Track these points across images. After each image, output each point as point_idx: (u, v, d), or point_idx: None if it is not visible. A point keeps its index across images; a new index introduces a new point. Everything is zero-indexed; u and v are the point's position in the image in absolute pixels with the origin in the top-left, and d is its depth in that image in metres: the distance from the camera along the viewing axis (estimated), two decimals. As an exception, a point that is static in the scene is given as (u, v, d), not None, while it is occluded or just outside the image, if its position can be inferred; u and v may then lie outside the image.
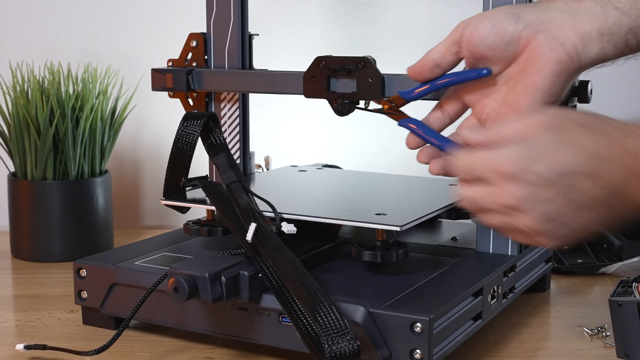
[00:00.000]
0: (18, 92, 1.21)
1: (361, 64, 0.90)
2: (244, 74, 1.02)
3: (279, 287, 0.78)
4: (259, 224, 0.83)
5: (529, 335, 0.92)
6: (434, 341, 0.75)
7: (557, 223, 0.67)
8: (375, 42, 1.42)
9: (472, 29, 0.78)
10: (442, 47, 0.80)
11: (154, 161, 1.47)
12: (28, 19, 1.43)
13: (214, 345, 0.88)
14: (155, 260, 0.92)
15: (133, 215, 1.48)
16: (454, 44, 0.80)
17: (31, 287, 1.10)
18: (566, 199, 0.65)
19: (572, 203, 0.66)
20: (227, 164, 0.95)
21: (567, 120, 0.67)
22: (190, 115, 0.97)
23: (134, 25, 1.44)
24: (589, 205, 0.66)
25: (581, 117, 0.68)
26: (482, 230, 0.95)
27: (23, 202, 1.21)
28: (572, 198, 0.65)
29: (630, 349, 0.76)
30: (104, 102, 1.23)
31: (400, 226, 0.83)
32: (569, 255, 1.17)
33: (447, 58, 0.80)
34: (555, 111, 0.69)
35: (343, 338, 0.71)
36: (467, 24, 0.79)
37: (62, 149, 1.20)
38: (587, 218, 0.67)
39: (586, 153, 0.65)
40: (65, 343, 0.86)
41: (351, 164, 1.35)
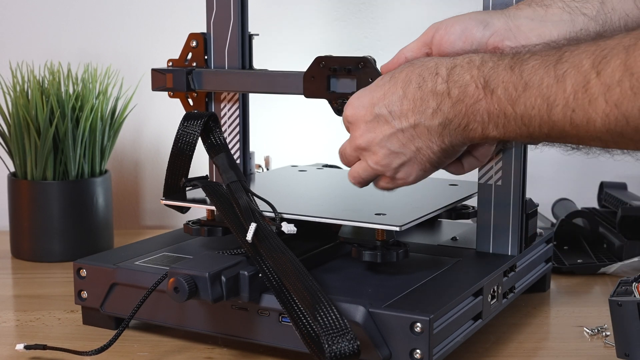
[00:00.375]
0: (18, 92, 1.21)
1: (361, 64, 0.90)
2: (244, 74, 1.02)
3: (279, 287, 0.78)
4: (259, 224, 0.83)
5: (529, 335, 0.92)
6: (434, 341, 0.75)
7: (394, 153, 0.75)
8: (375, 42, 1.42)
9: (442, 33, 0.79)
10: (414, 46, 0.82)
11: (154, 161, 1.47)
12: (28, 19, 1.43)
13: (214, 345, 0.88)
14: (155, 260, 0.92)
15: (133, 215, 1.48)
16: (425, 45, 0.81)
17: (31, 287, 1.10)
18: (392, 128, 0.74)
19: (397, 131, 0.74)
20: (227, 164, 0.95)
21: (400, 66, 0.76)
22: (190, 115, 0.97)
23: (134, 25, 1.44)
24: (411, 130, 0.74)
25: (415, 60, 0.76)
26: (482, 230, 0.95)
27: (23, 202, 1.21)
28: (395, 126, 0.74)
29: (630, 349, 0.76)
30: (104, 102, 1.23)
31: (399, 226, 0.83)
32: (569, 255, 1.17)
33: (418, 57, 0.81)
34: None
35: (343, 338, 0.71)
36: (438, 27, 0.80)
37: (62, 149, 1.20)
38: (416, 144, 0.74)
39: (400, 83, 0.74)
40: (65, 343, 0.86)
41: (351, 164, 1.34)
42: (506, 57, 0.68)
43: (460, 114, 0.70)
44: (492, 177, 0.93)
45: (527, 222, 0.95)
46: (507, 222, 0.93)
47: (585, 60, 0.60)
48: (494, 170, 0.93)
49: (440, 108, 0.71)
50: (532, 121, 0.65)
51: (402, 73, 0.75)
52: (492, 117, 0.68)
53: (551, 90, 0.63)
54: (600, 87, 0.59)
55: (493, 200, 0.93)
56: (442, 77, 0.71)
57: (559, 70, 0.62)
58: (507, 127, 0.68)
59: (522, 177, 0.93)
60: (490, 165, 0.93)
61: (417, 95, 0.73)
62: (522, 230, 0.94)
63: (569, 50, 0.63)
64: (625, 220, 1.18)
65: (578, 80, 0.61)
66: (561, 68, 0.62)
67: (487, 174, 0.93)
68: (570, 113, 0.62)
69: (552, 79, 0.63)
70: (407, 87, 0.73)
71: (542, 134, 0.66)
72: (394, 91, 0.74)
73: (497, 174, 0.93)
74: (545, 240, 1.04)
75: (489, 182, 0.94)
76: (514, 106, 0.66)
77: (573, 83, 0.61)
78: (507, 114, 0.67)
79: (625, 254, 1.15)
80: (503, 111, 0.67)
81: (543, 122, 0.64)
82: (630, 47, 0.57)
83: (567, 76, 0.61)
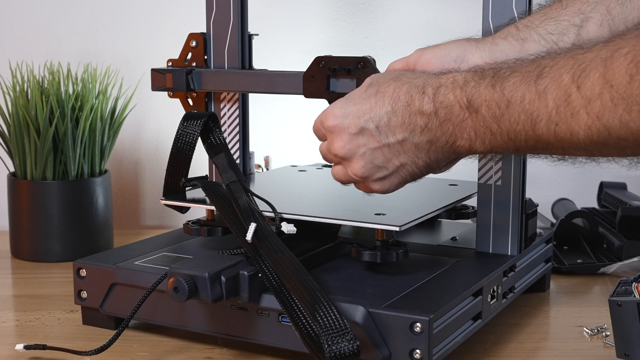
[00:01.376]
0: (18, 92, 1.21)
1: (361, 64, 0.90)
2: (244, 74, 1.02)
3: (279, 287, 0.78)
4: (259, 224, 0.83)
5: (529, 335, 0.92)
6: (433, 341, 0.75)
7: (376, 166, 0.76)
8: (375, 42, 1.42)
9: (425, 60, 0.81)
10: (399, 64, 0.83)
11: (153, 161, 1.47)
12: (28, 19, 1.43)
13: (214, 345, 0.88)
14: (155, 260, 0.92)
15: (133, 215, 1.48)
16: (409, 65, 0.82)
17: (31, 287, 1.10)
18: (377, 143, 0.75)
19: (383, 146, 0.75)
20: (227, 164, 0.95)
21: (382, 76, 0.77)
22: (190, 115, 0.97)
23: (134, 25, 1.44)
24: (398, 146, 0.74)
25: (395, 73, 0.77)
26: (482, 230, 0.95)
27: (23, 202, 1.21)
28: (381, 141, 0.75)
29: (629, 349, 0.76)
30: (104, 102, 1.23)
31: (399, 226, 0.83)
32: (569, 255, 1.17)
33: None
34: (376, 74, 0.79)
35: (343, 338, 0.71)
36: (422, 53, 0.82)
37: (62, 149, 1.20)
38: (400, 159, 0.75)
39: (388, 99, 0.74)
40: (65, 343, 0.86)
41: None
42: (487, 75, 0.69)
43: (447, 132, 0.72)
44: (492, 177, 0.93)
45: (527, 222, 0.95)
46: (507, 222, 0.93)
47: (565, 75, 0.62)
48: (493, 170, 0.93)
49: (428, 126, 0.72)
50: (517, 136, 0.67)
51: (390, 88, 0.75)
52: (479, 134, 0.70)
53: (534, 106, 0.64)
54: (581, 101, 0.60)
55: (493, 200, 0.93)
56: (428, 97, 0.72)
57: (540, 86, 0.64)
58: (493, 142, 0.69)
59: (521, 177, 0.93)
60: (490, 165, 0.93)
61: (405, 113, 0.73)
62: (522, 230, 0.94)
63: (548, 66, 0.64)
64: (625, 220, 1.18)
65: (559, 95, 0.62)
66: (542, 83, 0.63)
67: (487, 174, 0.93)
68: (554, 127, 0.63)
69: (533, 94, 0.64)
70: (395, 103, 0.74)
71: (529, 147, 0.67)
72: (382, 106, 0.75)
73: (496, 174, 0.93)
74: (545, 240, 1.04)
75: (489, 182, 0.94)
76: (499, 123, 0.67)
77: (554, 98, 0.62)
78: (493, 130, 0.68)
79: (625, 254, 1.15)
80: (489, 128, 0.69)
81: (528, 136, 0.66)
82: (608, 59, 0.58)
83: (548, 91, 0.63)
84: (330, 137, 0.78)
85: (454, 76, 0.72)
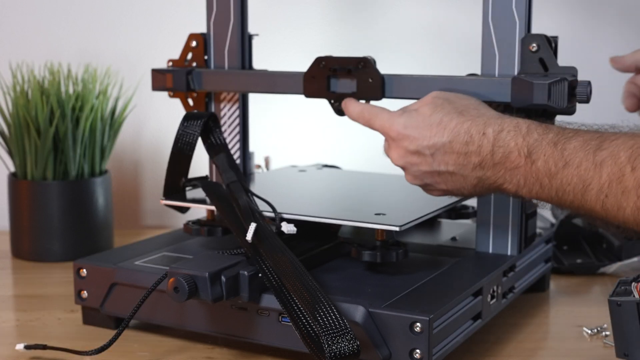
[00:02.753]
0: (18, 92, 1.21)
1: (361, 64, 0.90)
2: (244, 74, 1.02)
3: (279, 287, 0.78)
4: (259, 224, 0.83)
5: (528, 335, 0.92)
6: (433, 341, 0.75)
7: (424, 183, 0.81)
8: (375, 42, 1.42)
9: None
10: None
11: (154, 161, 1.47)
12: (28, 19, 1.43)
13: (214, 345, 0.88)
14: (155, 260, 0.92)
15: (133, 215, 1.48)
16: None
17: (31, 287, 1.10)
18: (429, 167, 0.79)
19: (434, 172, 0.79)
20: (227, 164, 0.95)
21: (447, 101, 0.80)
22: (190, 115, 0.97)
23: (134, 25, 1.44)
24: (447, 175, 0.78)
25: (461, 104, 0.80)
26: (482, 230, 0.95)
27: (23, 202, 1.21)
28: (433, 167, 0.79)
29: (629, 349, 0.76)
30: (104, 102, 1.23)
31: (399, 226, 0.83)
32: (569, 255, 1.17)
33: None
34: (443, 92, 0.83)
35: (343, 338, 0.71)
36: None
37: (62, 149, 1.20)
38: (448, 186, 0.80)
39: (448, 132, 0.77)
40: (65, 343, 0.86)
41: (351, 164, 1.35)
42: (551, 132, 0.73)
43: (498, 174, 0.76)
44: (492, 177, 0.93)
45: (527, 222, 0.95)
46: (507, 222, 0.93)
47: (623, 153, 0.67)
48: (493, 171, 0.93)
49: (481, 165, 0.76)
50: (565, 195, 0.71)
51: (452, 122, 0.77)
52: (528, 183, 0.74)
53: (588, 174, 0.69)
54: (633, 182, 0.65)
55: (493, 200, 0.93)
56: (488, 139, 0.75)
57: (598, 157, 0.68)
58: (540, 194, 0.73)
59: (521, 177, 0.93)
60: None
61: (462, 150, 0.77)
62: (521, 231, 0.94)
63: (609, 139, 0.69)
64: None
65: (614, 171, 0.67)
66: (600, 155, 0.68)
67: (487, 174, 0.93)
68: (603, 197, 0.68)
69: (590, 163, 0.68)
70: (454, 137, 0.77)
71: (572, 208, 0.72)
72: (441, 136, 0.77)
73: (496, 174, 0.93)
74: (544, 240, 1.05)
75: (489, 182, 0.93)
76: (551, 179, 0.71)
77: (609, 172, 0.67)
78: (543, 184, 0.72)
79: (625, 254, 1.15)
80: (540, 181, 0.72)
81: (576, 199, 0.70)
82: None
83: (605, 164, 0.67)
84: (389, 143, 0.82)
85: (517, 122, 0.75)
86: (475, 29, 0.94)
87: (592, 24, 1.40)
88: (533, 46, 0.85)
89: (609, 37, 1.40)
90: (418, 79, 0.89)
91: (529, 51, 0.85)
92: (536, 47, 0.85)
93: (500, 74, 0.88)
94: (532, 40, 0.85)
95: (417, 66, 1.37)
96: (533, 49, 0.85)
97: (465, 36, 1.30)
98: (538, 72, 0.85)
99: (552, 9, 1.36)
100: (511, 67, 0.88)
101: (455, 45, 1.37)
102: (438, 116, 0.78)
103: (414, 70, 0.95)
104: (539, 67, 0.85)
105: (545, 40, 0.85)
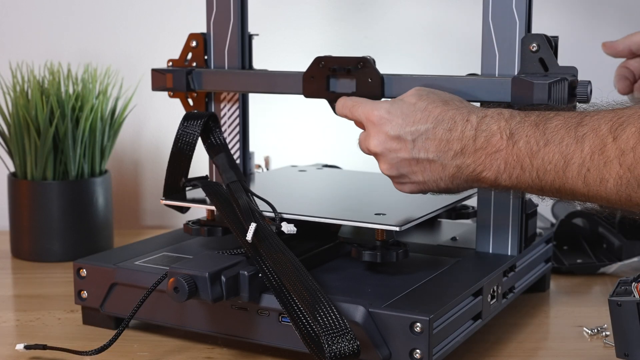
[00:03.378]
0: (18, 92, 1.21)
1: (361, 64, 0.90)
2: (244, 74, 1.02)
3: (279, 287, 0.78)
4: (259, 224, 0.83)
5: (529, 335, 0.92)
6: (433, 341, 0.75)
7: (400, 173, 0.80)
8: (375, 42, 1.42)
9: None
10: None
11: (154, 161, 1.47)
12: (28, 19, 1.43)
13: (214, 345, 0.88)
14: (155, 260, 0.92)
15: (133, 215, 1.48)
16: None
17: (31, 287, 1.10)
18: (408, 154, 0.78)
19: (412, 159, 0.78)
20: (227, 164, 0.95)
21: (431, 92, 0.81)
22: (190, 115, 0.97)
23: (134, 25, 1.44)
24: (426, 163, 0.78)
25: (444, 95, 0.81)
26: (482, 230, 0.95)
27: (23, 202, 1.21)
28: (412, 154, 0.78)
29: (629, 349, 0.76)
30: (104, 102, 1.23)
31: (399, 226, 0.83)
32: (569, 255, 1.17)
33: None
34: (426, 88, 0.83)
35: (343, 338, 0.71)
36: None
37: (62, 149, 1.20)
38: (424, 176, 0.79)
39: (432, 118, 0.77)
40: (65, 343, 0.86)
41: (351, 164, 1.35)
42: (532, 114, 0.73)
43: (478, 161, 0.75)
44: (492, 177, 0.93)
45: (527, 222, 0.95)
46: (507, 222, 0.93)
47: (604, 125, 0.66)
48: (493, 171, 0.93)
49: (462, 151, 0.76)
50: (546, 175, 0.71)
51: (437, 110, 0.78)
52: (508, 167, 0.73)
53: (569, 149, 0.68)
54: (615, 151, 0.65)
55: (493, 200, 0.93)
56: (471, 124, 0.76)
57: (579, 132, 0.68)
58: (520, 178, 0.73)
59: (521, 177, 0.93)
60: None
61: (444, 136, 0.76)
62: (521, 231, 0.94)
63: (589, 115, 0.69)
64: (625, 220, 1.18)
65: (595, 143, 0.66)
66: (581, 130, 0.68)
67: (487, 174, 0.93)
68: (585, 172, 0.67)
69: (572, 139, 0.69)
70: (437, 124, 0.77)
71: (553, 189, 0.71)
72: (424, 122, 0.77)
73: (496, 174, 0.93)
74: (545, 240, 1.05)
75: (489, 182, 0.93)
76: (532, 159, 0.71)
77: (591, 145, 0.67)
78: (524, 165, 0.72)
79: (625, 254, 1.15)
80: (520, 162, 0.72)
81: (557, 177, 0.70)
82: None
83: (586, 138, 0.67)
84: (369, 129, 0.81)
85: (500, 110, 0.76)
86: (475, 29, 0.94)
87: (592, 24, 1.40)
88: (533, 46, 0.85)
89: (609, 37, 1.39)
90: (418, 79, 0.89)
91: (529, 51, 0.85)
92: (536, 47, 0.85)
93: (500, 74, 0.88)
94: (532, 40, 0.85)
95: (417, 66, 1.37)
96: (533, 48, 0.85)
97: (465, 36, 1.30)
98: (538, 72, 0.85)
99: (552, 9, 1.36)
100: (511, 67, 0.88)
101: (455, 45, 1.37)
102: (423, 104, 0.79)
103: (414, 70, 0.95)
104: (539, 67, 0.85)
105: (545, 40, 0.85)
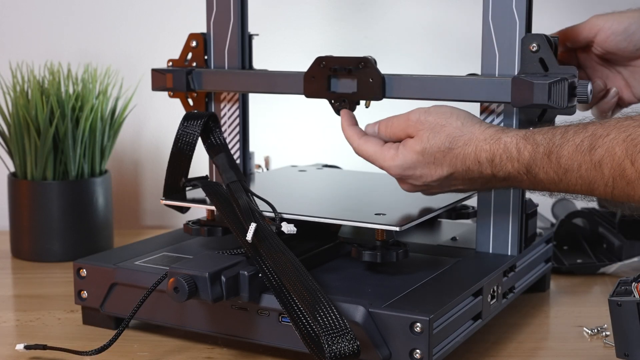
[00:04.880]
0: (18, 92, 1.21)
1: (362, 64, 0.90)
2: (244, 74, 1.02)
3: (279, 287, 0.78)
4: (259, 224, 0.83)
5: (529, 335, 0.92)
6: (433, 341, 0.75)
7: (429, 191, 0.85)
8: (375, 42, 1.42)
9: (605, 35, 0.91)
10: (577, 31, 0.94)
11: (154, 161, 1.47)
12: (28, 19, 1.43)
13: (214, 345, 0.88)
14: (155, 260, 0.92)
15: (133, 215, 1.48)
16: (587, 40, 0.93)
17: (31, 287, 1.10)
18: (439, 189, 0.83)
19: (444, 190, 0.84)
20: (227, 164, 0.95)
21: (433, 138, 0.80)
22: (190, 115, 0.97)
23: (134, 25, 1.44)
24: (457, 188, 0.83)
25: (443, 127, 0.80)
26: (482, 230, 0.95)
27: (23, 202, 1.21)
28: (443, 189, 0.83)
29: (629, 349, 0.76)
30: (104, 102, 1.23)
31: (399, 226, 0.83)
32: (569, 255, 1.17)
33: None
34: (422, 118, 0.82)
35: (343, 338, 0.71)
36: (601, 28, 0.91)
37: (62, 149, 1.20)
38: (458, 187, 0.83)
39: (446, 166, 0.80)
40: (65, 343, 0.86)
41: (351, 164, 1.35)
42: (540, 145, 0.75)
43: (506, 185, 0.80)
44: (492, 177, 0.93)
45: (527, 222, 0.95)
46: (507, 222, 0.93)
47: (617, 148, 0.69)
48: (493, 171, 0.93)
49: (488, 181, 0.80)
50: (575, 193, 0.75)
51: (446, 158, 0.80)
52: (538, 188, 0.78)
53: (590, 174, 0.71)
54: (635, 174, 0.68)
55: (493, 200, 0.93)
56: (484, 166, 0.79)
57: (595, 157, 0.71)
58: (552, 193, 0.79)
59: (521, 177, 0.93)
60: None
61: (466, 177, 0.80)
62: (521, 230, 0.94)
63: (601, 136, 0.70)
64: (625, 220, 1.18)
65: (614, 167, 0.69)
66: (596, 154, 0.70)
67: (487, 174, 0.93)
68: (611, 191, 0.70)
69: (589, 164, 0.71)
70: (454, 170, 0.80)
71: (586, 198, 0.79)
72: (441, 172, 0.81)
73: (496, 174, 0.93)
74: (545, 240, 1.04)
75: (489, 182, 0.93)
76: (557, 186, 0.75)
77: (610, 169, 0.69)
78: (551, 189, 0.77)
79: (625, 254, 1.15)
80: (546, 188, 0.77)
81: (586, 194, 0.74)
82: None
83: (604, 164, 0.70)
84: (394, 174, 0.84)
85: (505, 144, 0.77)
86: (475, 29, 0.94)
87: (592, 24, 1.39)
88: (533, 46, 0.85)
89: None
90: (418, 79, 0.89)
91: (529, 51, 0.85)
92: (536, 47, 0.85)
93: (500, 74, 0.88)
94: (532, 40, 0.85)
95: (417, 66, 1.37)
96: (533, 49, 0.85)
97: (465, 36, 1.30)
98: (538, 72, 0.84)
99: (552, 9, 1.36)
100: (511, 67, 0.88)
101: (455, 45, 1.37)
102: (430, 154, 0.80)
103: (414, 70, 0.95)
104: (539, 67, 0.85)
105: (545, 40, 0.85)
